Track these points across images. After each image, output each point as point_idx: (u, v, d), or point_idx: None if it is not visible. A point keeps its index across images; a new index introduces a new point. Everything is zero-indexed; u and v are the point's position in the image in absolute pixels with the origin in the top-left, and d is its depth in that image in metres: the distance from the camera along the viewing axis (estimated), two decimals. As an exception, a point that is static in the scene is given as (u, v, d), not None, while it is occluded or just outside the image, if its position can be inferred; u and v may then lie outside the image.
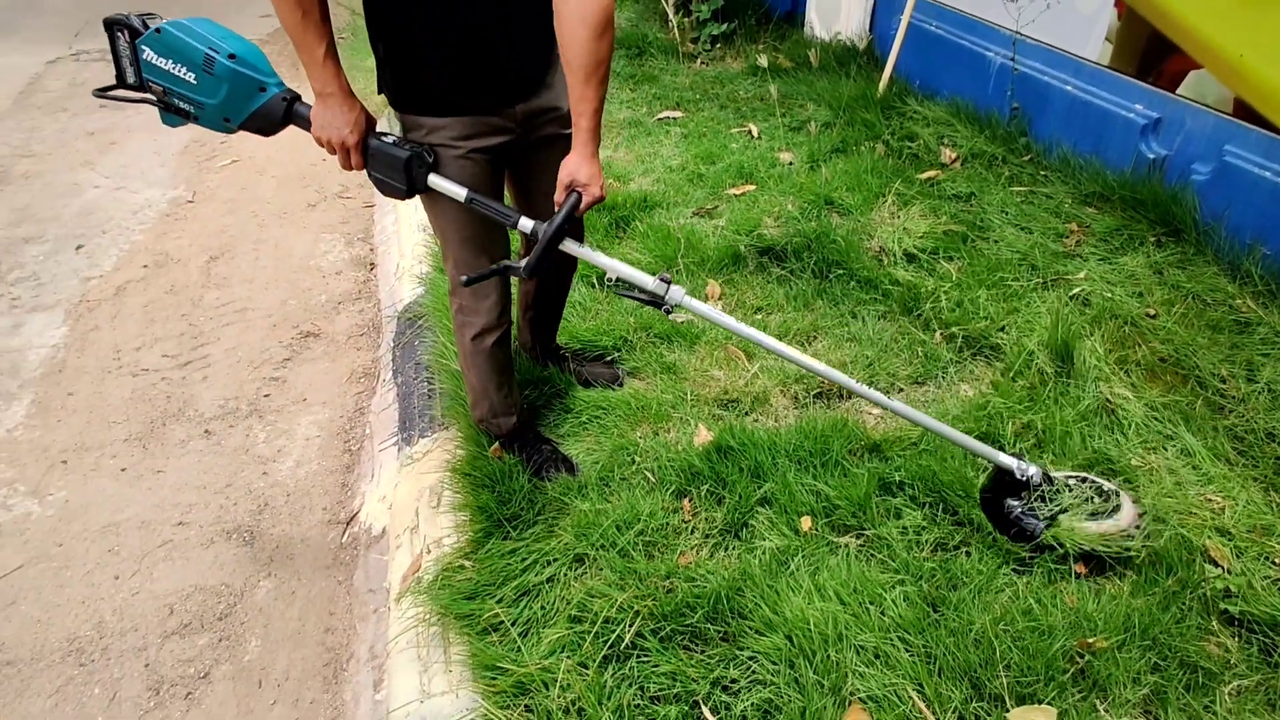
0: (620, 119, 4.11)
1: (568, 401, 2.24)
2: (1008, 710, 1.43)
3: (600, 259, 1.69)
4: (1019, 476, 1.72)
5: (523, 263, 1.64)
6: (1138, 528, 1.72)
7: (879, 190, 3.14)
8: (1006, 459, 1.73)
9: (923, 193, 3.15)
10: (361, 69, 5.01)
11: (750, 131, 3.88)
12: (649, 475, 1.99)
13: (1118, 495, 1.75)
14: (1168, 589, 1.63)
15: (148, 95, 1.73)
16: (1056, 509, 1.71)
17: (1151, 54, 2.85)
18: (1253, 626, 1.59)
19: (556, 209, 1.62)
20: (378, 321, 3.13)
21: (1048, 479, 1.74)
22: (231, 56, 1.62)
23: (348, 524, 2.30)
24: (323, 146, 1.66)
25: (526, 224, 1.64)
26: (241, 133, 1.74)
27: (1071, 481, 1.77)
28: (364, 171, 1.70)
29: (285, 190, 4.09)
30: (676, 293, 1.67)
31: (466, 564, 1.79)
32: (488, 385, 2.02)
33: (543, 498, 1.95)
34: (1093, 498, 1.73)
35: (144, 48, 1.65)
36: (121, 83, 1.73)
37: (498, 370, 2.00)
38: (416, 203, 3.53)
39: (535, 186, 1.83)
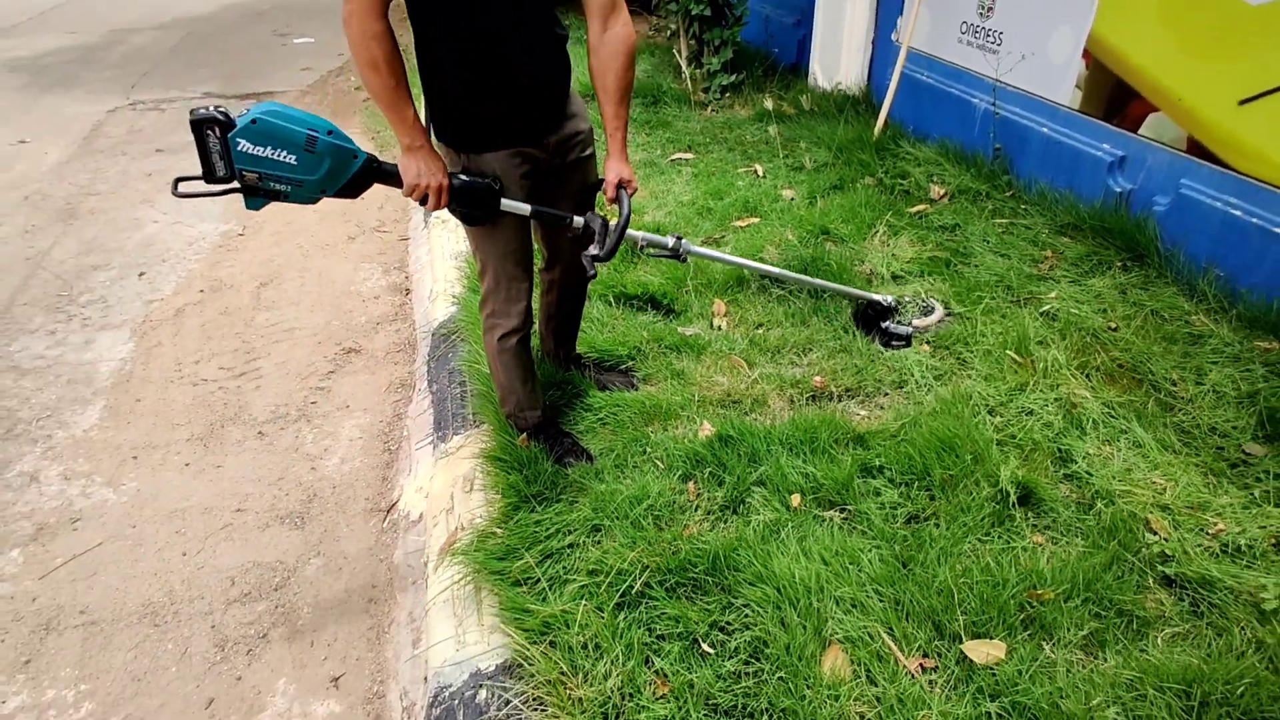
0: (636, 160, 4.45)
1: (587, 401, 2.51)
2: (963, 644, 1.65)
3: (633, 234, 2.15)
4: (884, 305, 2.77)
5: (599, 250, 1.95)
6: (947, 315, 2.82)
7: (871, 222, 3.44)
8: (874, 295, 2.74)
9: (911, 224, 3.44)
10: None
11: (756, 171, 4.21)
12: (658, 462, 2.25)
13: (930, 299, 2.87)
14: (1112, 552, 1.86)
15: (232, 185, 1.77)
16: (910, 318, 2.78)
17: (1116, 99, 3.15)
18: (1185, 585, 1.81)
19: (608, 203, 2.04)
20: (413, 339, 3.43)
21: (899, 302, 2.82)
22: (330, 133, 1.76)
23: (388, 512, 2.56)
24: (413, 195, 1.87)
25: (579, 220, 1.99)
26: None
27: (906, 299, 2.87)
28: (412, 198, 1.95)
29: (327, 225, 4.45)
30: (686, 244, 2.26)
31: (498, 531, 2.04)
32: (514, 381, 2.30)
33: (564, 480, 2.21)
34: (921, 306, 2.85)
35: (238, 140, 1.70)
36: (210, 177, 1.75)
37: (522, 367, 2.28)
38: (449, 234, 3.85)
39: (561, 201, 2.13)
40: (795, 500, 2.06)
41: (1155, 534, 1.90)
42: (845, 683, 1.61)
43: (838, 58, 4.95)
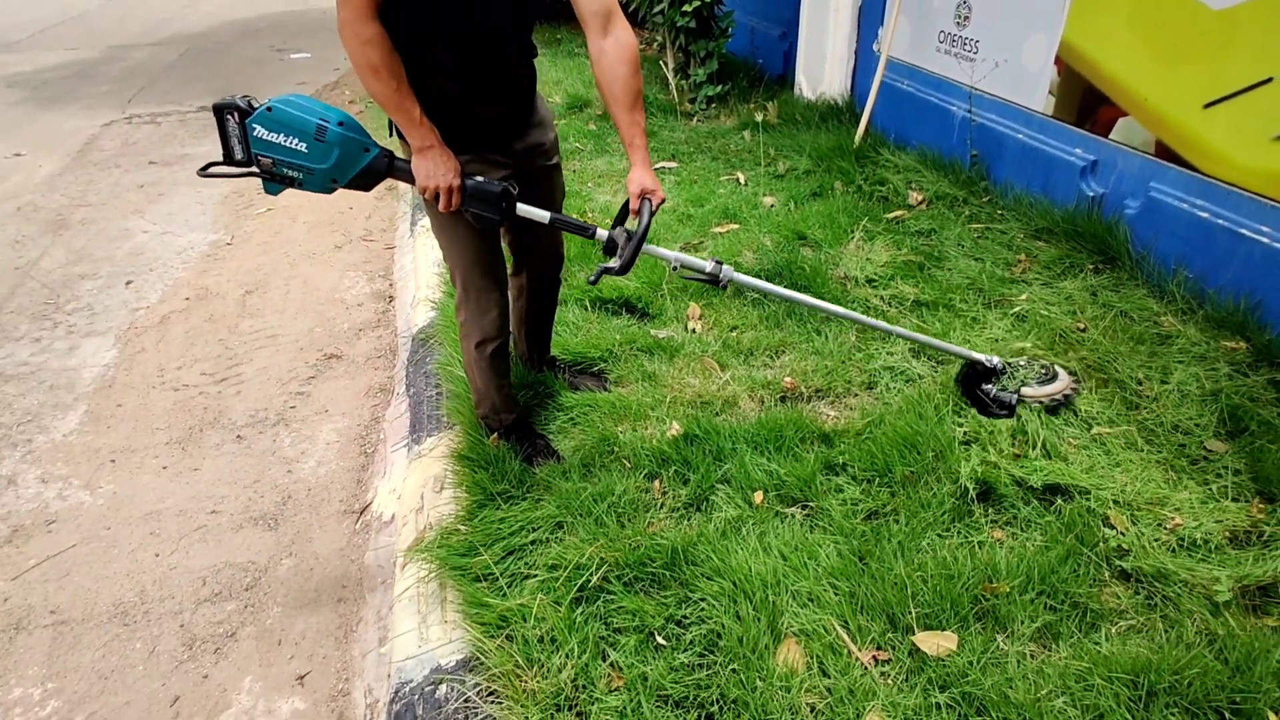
0: (620, 169, 4.50)
1: (559, 402, 2.53)
2: (915, 636, 1.66)
3: (666, 254, 2.08)
4: (988, 365, 2.33)
5: (615, 263, 1.91)
6: (1074, 388, 2.34)
7: (848, 227, 3.47)
8: (977, 355, 2.35)
9: (888, 229, 3.47)
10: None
11: (737, 179, 4.25)
12: (625, 461, 2.26)
13: (1053, 367, 2.39)
14: (1069, 546, 1.87)
15: (251, 169, 1.86)
16: (1020, 383, 2.31)
17: (1087, 104, 3.19)
18: (1141, 579, 1.82)
19: (632, 214, 1.96)
20: (394, 345, 3.45)
21: (1007, 364, 2.36)
22: (341, 124, 1.81)
23: (361, 513, 2.58)
24: (425, 194, 1.88)
25: (602, 234, 1.97)
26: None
27: (1020, 362, 2.40)
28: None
29: (315, 234, 4.49)
30: (728, 271, 2.09)
31: (462, 528, 2.06)
32: (489, 387, 2.32)
33: (531, 479, 2.22)
34: (1038, 371, 2.37)
35: (254, 125, 1.79)
36: (229, 159, 1.86)
37: (498, 373, 2.30)
38: (432, 243, 3.88)
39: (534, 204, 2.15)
40: (758, 497, 2.08)
41: (1114, 529, 1.91)
42: (798, 674, 1.62)
43: (821, 68, 5.00)
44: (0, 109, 6.80)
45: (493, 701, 1.67)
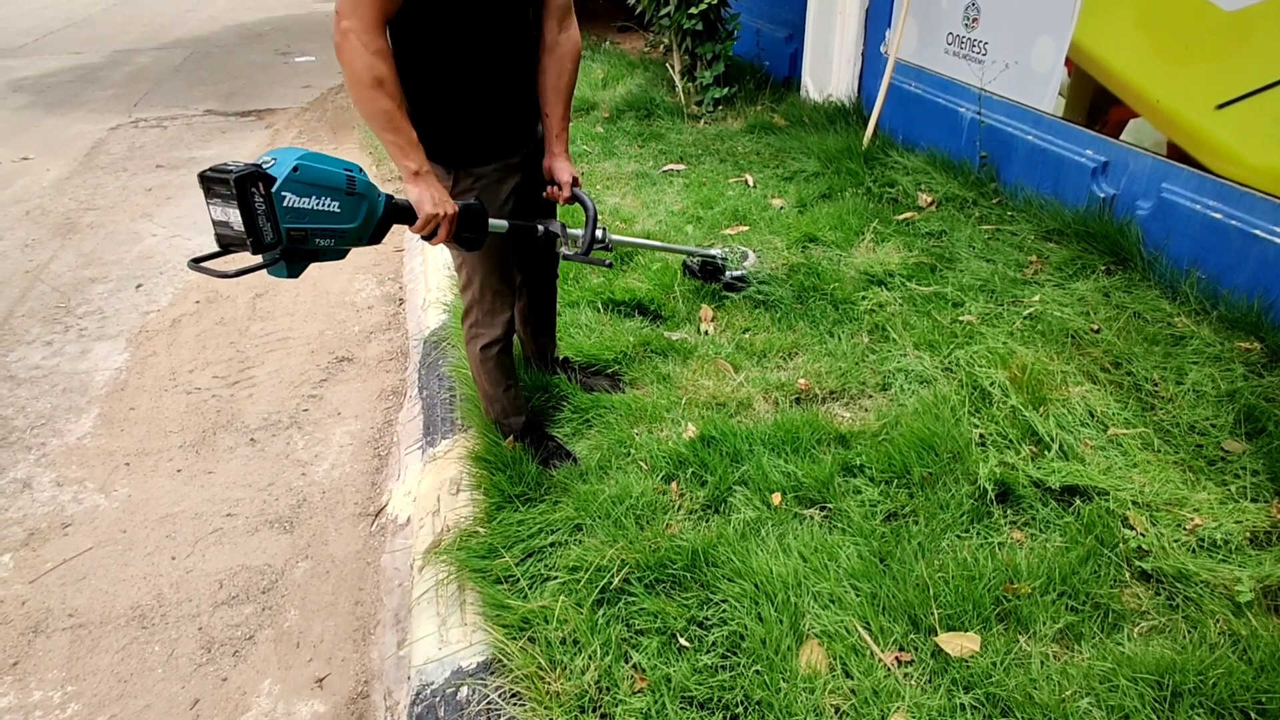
0: (628, 171, 4.50)
1: (573, 404, 2.53)
2: (938, 637, 1.66)
3: (575, 232, 2.18)
4: (719, 261, 3.04)
5: (570, 249, 2.05)
6: (757, 262, 3.20)
7: (859, 229, 3.47)
8: (714, 251, 3.06)
9: (899, 231, 3.47)
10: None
11: (746, 181, 4.25)
12: (642, 463, 2.26)
13: (745, 249, 3.26)
14: (1089, 547, 1.87)
15: (268, 254, 1.54)
16: (738, 266, 3.13)
17: (1098, 105, 3.19)
18: (1162, 580, 1.82)
19: (561, 200, 2.14)
20: (405, 348, 3.46)
21: (724, 258, 3.08)
22: (361, 170, 1.60)
23: (376, 515, 2.58)
24: (428, 225, 1.74)
25: (541, 227, 2.04)
26: None
27: (726, 249, 3.17)
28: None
29: (323, 237, 4.49)
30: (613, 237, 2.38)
31: (481, 530, 2.06)
32: (497, 389, 2.32)
33: (548, 481, 2.23)
34: (739, 254, 3.20)
35: (284, 194, 1.48)
36: (259, 245, 1.48)
37: (504, 375, 2.31)
38: (442, 245, 3.90)
39: (533, 203, 2.18)
40: (776, 499, 2.08)
41: (1133, 529, 1.91)
42: (821, 676, 1.62)
43: (828, 70, 5.01)
44: (6, 113, 6.81)
45: (516, 704, 1.67)
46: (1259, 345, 2.47)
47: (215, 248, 1.56)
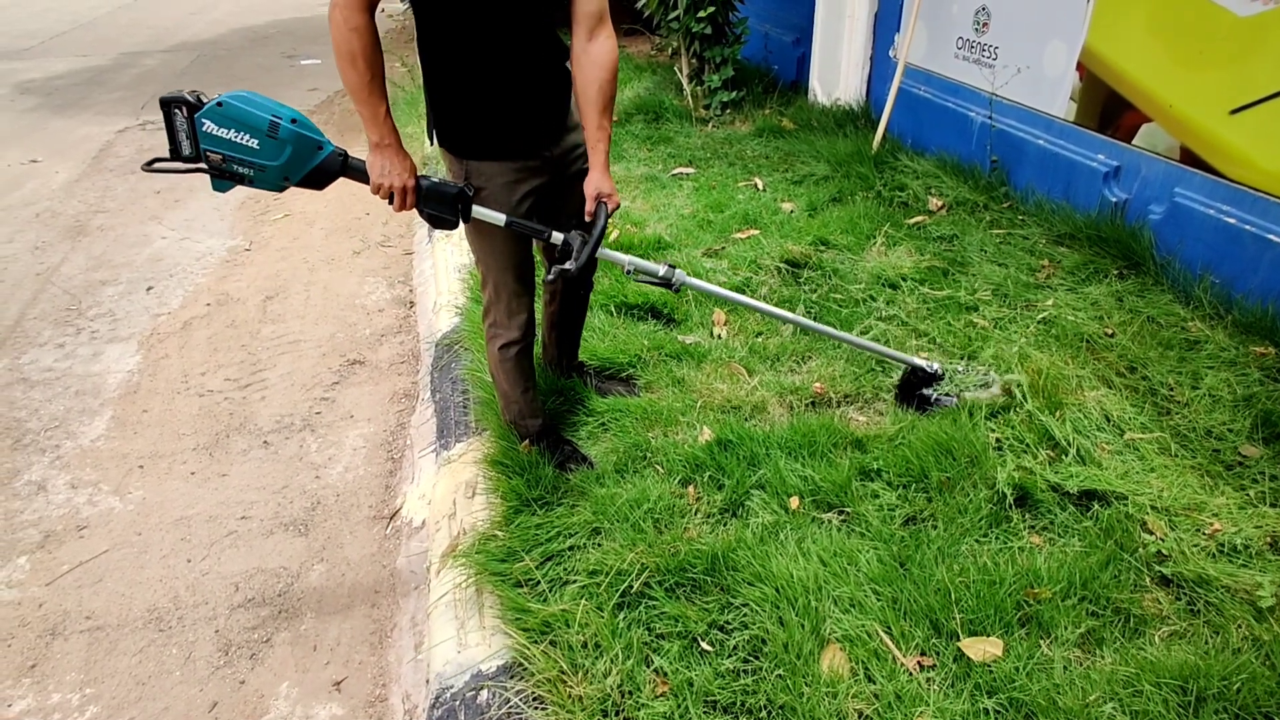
0: (638, 175, 4.51)
1: (589, 407, 2.54)
2: (961, 642, 1.66)
3: (619, 257, 2.10)
4: (929, 371, 2.42)
5: (571, 265, 1.94)
6: (1007, 392, 2.41)
7: (870, 233, 3.48)
8: (918, 360, 2.43)
9: (910, 235, 3.48)
10: (402, 135, 5.51)
11: (756, 185, 4.25)
12: (658, 467, 2.27)
13: (990, 372, 2.47)
14: (1108, 552, 1.87)
15: (199, 165, 1.82)
16: (959, 389, 2.41)
17: (1110, 110, 3.19)
18: (1182, 585, 1.82)
19: (588, 217, 2.00)
20: (417, 351, 3.46)
21: (946, 370, 2.45)
22: (294, 121, 1.79)
23: (391, 518, 2.58)
24: (378, 192, 1.88)
25: (558, 236, 1.98)
26: (292, 191, 1.95)
27: (959, 368, 2.48)
28: (414, 211, 1.95)
29: (333, 240, 4.50)
30: (680, 275, 2.12)
31: (499, 534, 2.06)
32: (515, 391, 2.33)
33: (565, 485, 2.23)
34: (975, 376, 2.45)
35: (203, 120, 1.75)
36: (176, 155, 1.82)
37: (523, 376, 2.31)
38: (453, 248, 3.90)
39: (562, 215, 2.17)
40: (794, 503, 2.08)
41: (1152, 534, 1.91)
42: (843, 680, 1.62)
43: (836, 74, 5.02)
44: (14, 115, 6.83)
45: (537, 707, 1.67)
46: (1274, 350, 2.47)
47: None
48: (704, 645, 1.71)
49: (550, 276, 1.98)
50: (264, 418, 3.05)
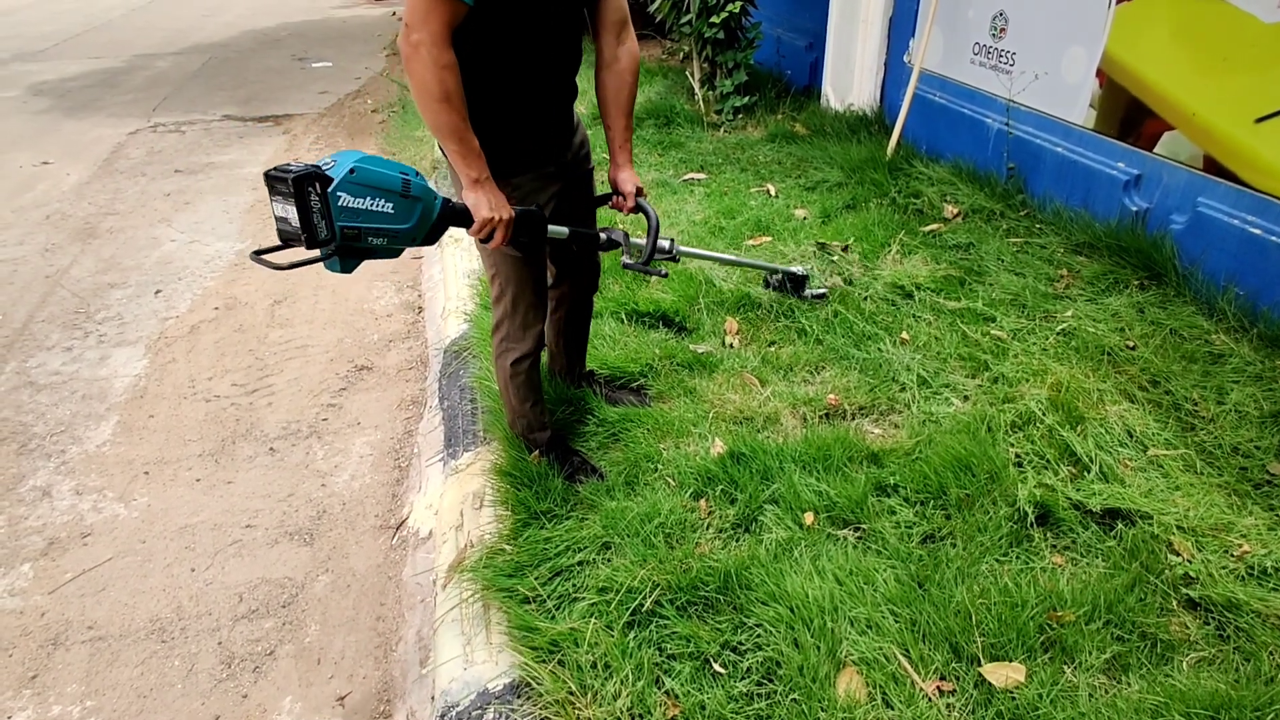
0: (649, 180, 4.47)
1: (599, 416, 2.49)
2: (982, 667, 1.61)
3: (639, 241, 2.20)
4: (801, 274, 2.98)
5: (627, 259, 2.09)
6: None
7: (884, 240, 3.42)
8: (796, 269, 3.00)
9: (925, 243, 3.43)
10: (411, 139, 5.48)
11: (768, 191, 4.21)
12: (670, 479, 2.22)
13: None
14: (1134, 574, 1.81)
15: (323, 249, 1.62)
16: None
17: (1131, 117, 3.14)
18: (1210, 608, 1.76)
19: (618, 207, 2.15)
20: (425, 357, 3.43)
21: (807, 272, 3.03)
22: (417, 174, 1.67)
23: (397, 528, 2.55)
24: (481, 231, 1.80)
25: (604, 236, 2.06)
26: None
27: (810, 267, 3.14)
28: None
29: (341, 244, 4.47)
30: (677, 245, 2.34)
31: (507, 548, 2.02)
32: (524, 405, 2.29)
33: (574, 497, 2.19)
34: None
35: (339, 194, 1.56)
36: (312, 240, 1.57)
37: (532, 390, 2.28)
38: (461, 253, 3.85)
39: (573, 211, 2.15)
40: (809, 518, 2.03)
41: (1178, 555, 1.86)
42: (860, 705, 1.57)
43: (850, 79, 4.97)
44: (26, 117, 6.85)
45: (545, 729, 1.62)
46: (1302, 365, 2.41)
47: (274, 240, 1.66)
48: (716, 667, 1.67)
49: (642, 264, 2.10)
50: (270, 424, 3.02)
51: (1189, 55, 2.86)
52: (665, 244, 2.30)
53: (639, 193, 2.12)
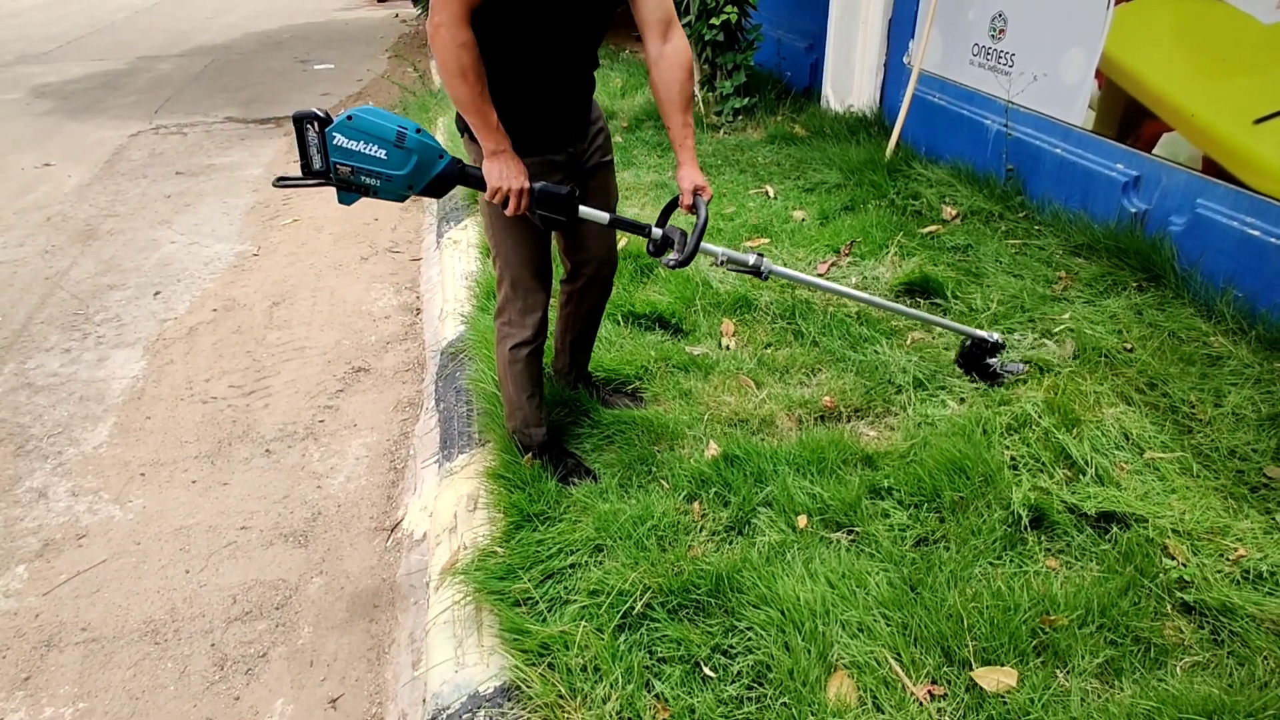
0: (647, 181, 4.46)
1: (594, 418, 2.49)
2: (973, 671, 1.60)
3: (713, 249, 2.17)
4: (990, 342, 2.47)
5: (675, 256, 2.01)
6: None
7: (883, 242, 3.42)
8: (981, 333, 2.48)
9: (924, 244, 3.42)
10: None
11: (767, 192, 4.20)
12: (663, 482, 2.22)
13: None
14: (1128, 577, 1.80)
15: (327, 179, 1.87)
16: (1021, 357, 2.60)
17: (1130, 119, 3.12)
18: (1205, 613, 1.75)
19: (683, 209, 2.10)
20: (422, 359, 3.43)
21: (1005, 341, 2.54)
22: (418, 131, 1.85)
23: (392, 530, 2.54)
24: (495, 197, 1.91)
25: (657, 232, 2.06)
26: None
27: (1016, 336, 2.66)
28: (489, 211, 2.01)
29: (340, 246, 4.48)
30: (767, 263, 2.20)
31: (499, 550, 2.02)
32: (521, 396, 2.28)
33: (567, 499, 2.18)
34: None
35: (335, 134, 1.81)
36: (307, 170, 1.87)
37: (531, 381, 2.27)
38: (460, 254, 3.85)
39: (584, 200, 2.14)
40: (802, 521, 2.03)
41: (1173, 559, 1.85)
42: (851, 709, 1.56)
43: (849, 80, 4.96)
44: (29, 119, 6.87)
45: (535, 732, 1.62)
46: (1300, 367, 2.40)
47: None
48: (707, 670, 1.66)
49: (670, 264, 2.01)
50: (267, 425, 3.02)
51: (1188, 56, 2.85)
52: (750, 259, 2.20)
53: (698, 191, 2.06)
